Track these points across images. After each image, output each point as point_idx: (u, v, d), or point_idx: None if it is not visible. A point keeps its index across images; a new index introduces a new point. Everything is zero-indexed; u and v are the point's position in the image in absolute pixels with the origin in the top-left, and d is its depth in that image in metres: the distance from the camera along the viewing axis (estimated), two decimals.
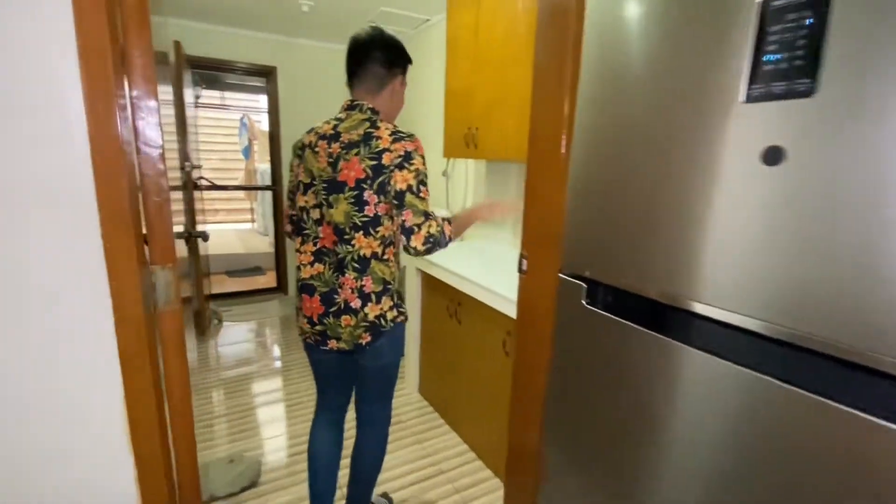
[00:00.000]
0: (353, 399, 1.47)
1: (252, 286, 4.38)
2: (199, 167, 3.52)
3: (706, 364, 0.73)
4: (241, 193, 7.68)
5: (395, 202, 1.15)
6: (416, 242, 1.15)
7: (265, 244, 5.65)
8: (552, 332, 1.06)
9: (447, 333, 2.17)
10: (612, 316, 0.87)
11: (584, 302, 0.90)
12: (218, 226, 7.01)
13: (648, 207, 0.80)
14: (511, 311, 1.61)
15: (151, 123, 0.72)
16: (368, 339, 1.23)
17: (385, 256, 1.22)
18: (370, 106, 1.23)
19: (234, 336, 3.31)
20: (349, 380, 1.42)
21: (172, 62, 2.98)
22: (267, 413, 2.29)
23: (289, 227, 1.41)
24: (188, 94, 3.23)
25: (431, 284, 2.27)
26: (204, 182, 4.13)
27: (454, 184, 2.94)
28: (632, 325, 0.83)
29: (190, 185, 3.11)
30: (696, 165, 0.72)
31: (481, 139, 2.10)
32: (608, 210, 0.87)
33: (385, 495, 1.73)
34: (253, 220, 7.44)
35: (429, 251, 1.17)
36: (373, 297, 1.21)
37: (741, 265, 0.67)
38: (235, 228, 7.06)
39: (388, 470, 1.89)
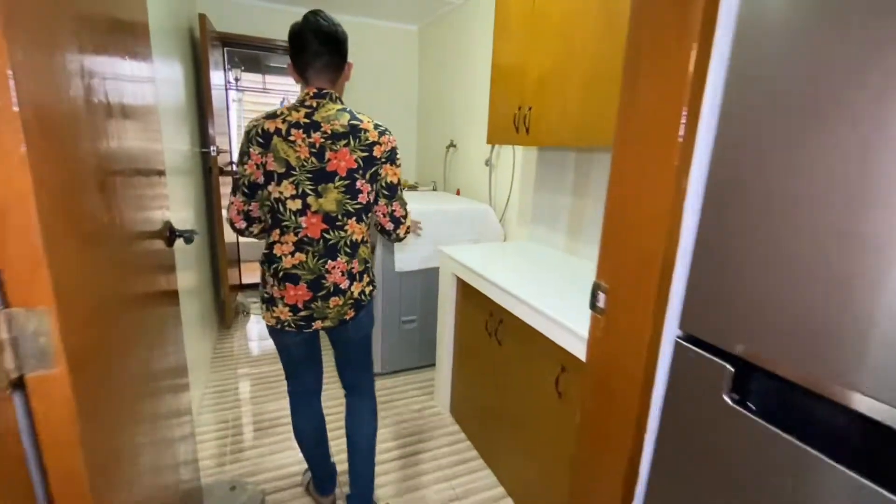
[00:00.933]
0: (323, 381, 1.54)
1: None
2: (225, 151, 3.33)
3: None
4: None
5: (387, 193, 1.28)
6: (402, 231, 1.34)
7: None
8: (644, 414, 0.70)
9: (485, 353, 1.83)
10: (786, 435, 0.48)
11: (726, 397, 0.53)
12: None
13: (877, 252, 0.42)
14: (567, 343, 1.24)
15: None
16: (352, 314, 1.32)
17: (365, 239, 1.31)
18: (338, 95, 1.25)
19: (261, 330, 3.12)
20: (320, 358, 1.50)
21: (197, 37, 2.77)
22: (282, 425, 2.06)
23: (242, 224, 1.28)
24: (218, 76, 3.03)
25: (467, 292, 1.93)
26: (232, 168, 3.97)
27: (499, 175, 2.57)
28: (821, 456, 0.46)
29: (216, 172, 2.92)
30: None
31: (534, 121, 1.72)
32: (789, 243, 0.49)
33: None
34: None
35: (404, 239, 1.38)
36: (357, 276, 1.29)
37: None
38: None
39: None
